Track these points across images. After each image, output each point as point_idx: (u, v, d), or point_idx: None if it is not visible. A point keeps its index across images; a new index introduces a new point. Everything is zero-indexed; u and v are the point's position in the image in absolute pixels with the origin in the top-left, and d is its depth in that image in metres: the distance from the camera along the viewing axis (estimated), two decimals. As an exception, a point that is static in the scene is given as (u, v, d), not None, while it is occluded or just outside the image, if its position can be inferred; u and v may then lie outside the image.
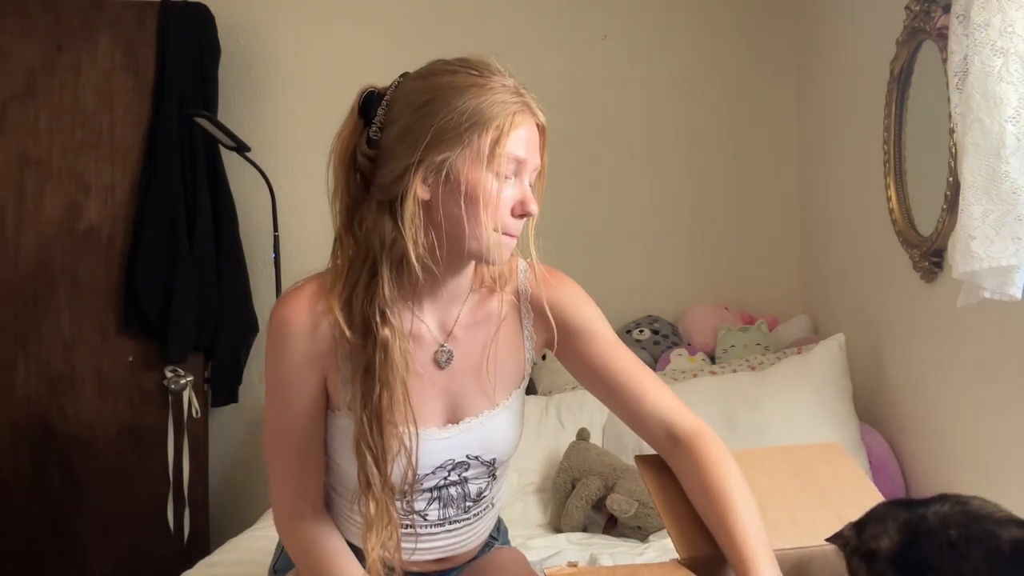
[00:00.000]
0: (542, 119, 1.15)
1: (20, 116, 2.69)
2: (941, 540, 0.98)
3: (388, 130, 1.11)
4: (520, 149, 1.11)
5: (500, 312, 1.23)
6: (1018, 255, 1.38)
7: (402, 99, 1.12)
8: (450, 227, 1.10)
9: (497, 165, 1.08)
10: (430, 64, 1.15)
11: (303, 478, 1.21)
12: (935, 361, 2.05)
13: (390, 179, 1.10)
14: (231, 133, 2.58)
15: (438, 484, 1.23)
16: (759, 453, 1.38)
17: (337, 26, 2.97)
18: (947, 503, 1.02)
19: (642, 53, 3.01)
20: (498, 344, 1.22)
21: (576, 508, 2.12)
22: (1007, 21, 1.37)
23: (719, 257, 3.03)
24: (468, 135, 1.07)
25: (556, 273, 1.30)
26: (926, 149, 2.09)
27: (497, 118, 1.08)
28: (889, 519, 1.05)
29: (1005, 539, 0.96)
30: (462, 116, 1.07)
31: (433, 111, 1.08)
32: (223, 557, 1.93)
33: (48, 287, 2.70)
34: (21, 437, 2.69)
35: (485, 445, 1.22)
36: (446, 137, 1.07)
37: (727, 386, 2.37)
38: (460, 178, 1.08)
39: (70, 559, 2.70)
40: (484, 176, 1.08)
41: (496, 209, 1.09)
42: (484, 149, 1.07)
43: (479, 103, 1.08)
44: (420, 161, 1.07)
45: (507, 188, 1.11)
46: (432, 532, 1.26)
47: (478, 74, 1.11)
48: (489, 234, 1.09)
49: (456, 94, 1.08)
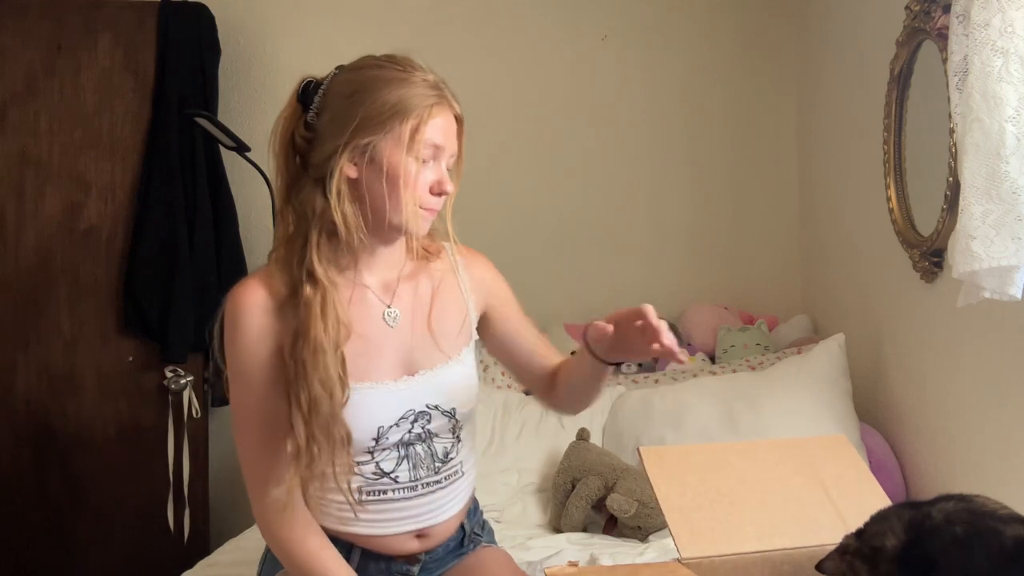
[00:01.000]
0: (458, 111, 1.28)
1: (20, 116, 2.69)
2: (946, 537, 0.99)
3: (322, 116, 1.26)
4: (437, 136, 1.24)
5: (437, 276, 1.37)
6: (1018, 255, 1.38)
7: (335, 88, 1.26)
8: (373, 201, 1.24)
9: (416, 150, 1.22)
10: (361, 59, 1.29)
11: (275, 459, 1.24)
12: (935, 361, 2.05)
13: (322, 159, 1.24)
14: (231, 133, 2.58)
15: (404, 439, 1.30)
16: (763, 445, 1.38)
17: (337, 26, 2.96)
18: (951, 501, 1.02)
19: (642, 53, 3.01)
20: (442, 303, 1.36)
21: (576, 508, 2.12)
22: (1007, 21, 1.37)
23: (719, 257, 3.03)
24: (391, 122, 1.21)
25: (473, 250, 1.46)
26: (926, 149, 2.09)
27: (417, 108, 1.22)
28: (895, 518, 1.05)
29: (1009, 536, 0.96)
30: (386, 105, 1.21)
31: (360, 100, 1.22)
32: (223, 557, 1.93)
33: (48, 287, 2.69)
34: (21, 437, 2.69)
35: (443, 395, 1.32)
36: (371, 123, 1.21)
37: (727, 386, 2.38)
38: (383, 160, 1.22)
39: (70, 559, 2.70)
40: (404, 159, 1.22)
41: (415, 188, 1.23)
42: (405, 135, 1.21)
43: (401, 94, 1.22)
44: (347, 143, 1.21)
45: (426, 171, 1.25)
46: (406, 497, 1.32)
47: (401, 69, 1.24)
48: (409, 209, 1.23)
49: (381, 85, 1.22)
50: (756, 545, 1.18)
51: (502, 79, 2.97)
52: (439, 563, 1.43)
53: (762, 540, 1.19)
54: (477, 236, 1.50)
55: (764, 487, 1.18)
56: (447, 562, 1.44)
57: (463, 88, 1.35)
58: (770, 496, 1.19)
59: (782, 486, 1.25)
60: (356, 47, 2.89)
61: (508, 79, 2.97)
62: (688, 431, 2.25)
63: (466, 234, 1.51)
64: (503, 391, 2.52)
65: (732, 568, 1.15)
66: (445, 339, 1.35)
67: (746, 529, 1.20)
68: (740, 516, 1.22)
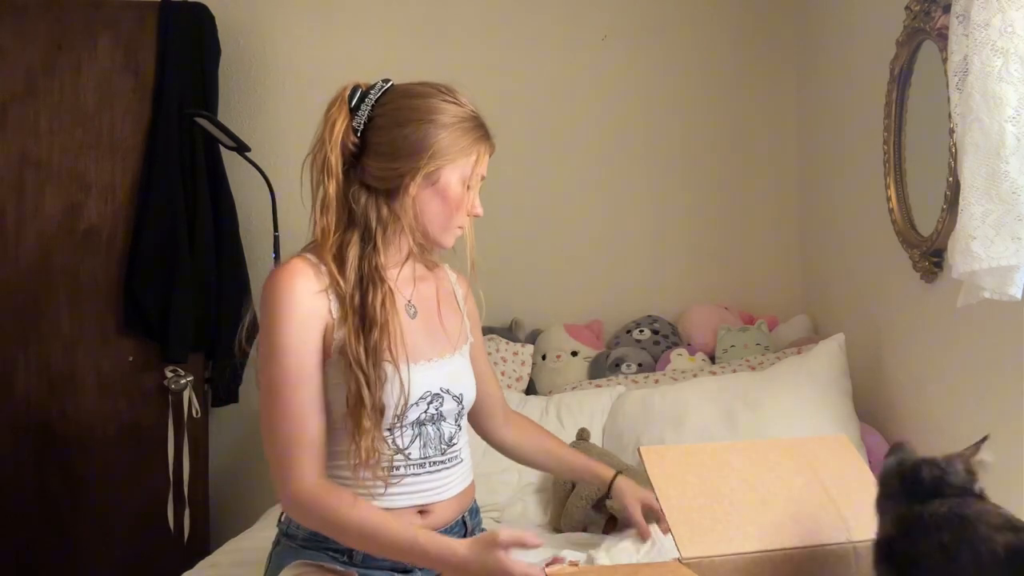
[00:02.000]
0: (494, 145, 1.46)
1: (20, 116, 2.69)
2: (932, 542, 1.00)
3: (380, 131, 1.38)
4: (484, 170, 1.44)
5: (438, 284, 1.55)
6: (1018, 255, 1.38)
7: (396, 108, 1.39)
8: (425, 216, 1.40)
9: (471, 180, 1.42)
10: (421, 84, 1.43)
11: (313, 437, 1.33)
12: (935, 361, 2.05)
13: (386, 173, 1.37)
14: (231, 133, 2.58)
15: (419, 418, 1.42)
16: (763, 445, 1.38)
17: (337, 26, 2.97)
18: (946, 504, 1.02)
19: (642, 53, 3.01)
20: (446, 305, 1.53)
21: (576, 508, 2.12)
22: (1007, 21, 1.37)
23: (719, 257, 3.03)
24: (459, 157, 1.39)
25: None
26: (926, 149, 2.09)
27: (478, 145, 1.41)
28: (890, 509, 1.06)
29: (1000, 543, 0.96)
30: (459, 141, 1.38)
31: (433, 132, 1.37)
32: (223, 557, 1.92)
33: (48, 287, 2.70)
34: (21, 437, 2.69)
35: (454, 381, 1.47)
36: (443, 155, 1.37)
37: (727, 386, 2.37)
38: (445, 186, 1.39)
39: (70, 559, 2.69)
40: (461, 186, 1.40)
41: (462, 212, 1.42)
42: (468, 169, 1.40)
43: (471, 133, 1.40)
44: (419, 168, 1.36)
45: (469, 196, 1.43)
46: (415, 473, 1.41)
47: (460, 105, 1.40)
48: (453, 228, 1.43)
49: (454, 121, 1.38)
50: (756, 545, 1.18)
51: (501, 79, 2.96)
52: None
53: (762, 540, 1.19)
54: (476, 236, 1.51)
55: (764, 487, 1.18)
56: None
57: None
58: (770, 496, 1.20)
59: (782, 486, 1.25)
60: (356, 47, 2.93)
61: (508, 79, 2.97)
62: (688, 431, 2.25)
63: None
64: (503, 391, 2.51)
65: (732, 568, 1.15)
66: (452, 334, 1.51)
67: (746, 529, 1.20)
68: (740, 516, 1.22)
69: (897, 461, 1.12)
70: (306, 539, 1.41)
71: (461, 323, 1.55)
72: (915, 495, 1.06)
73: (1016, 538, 0.97)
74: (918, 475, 1.07)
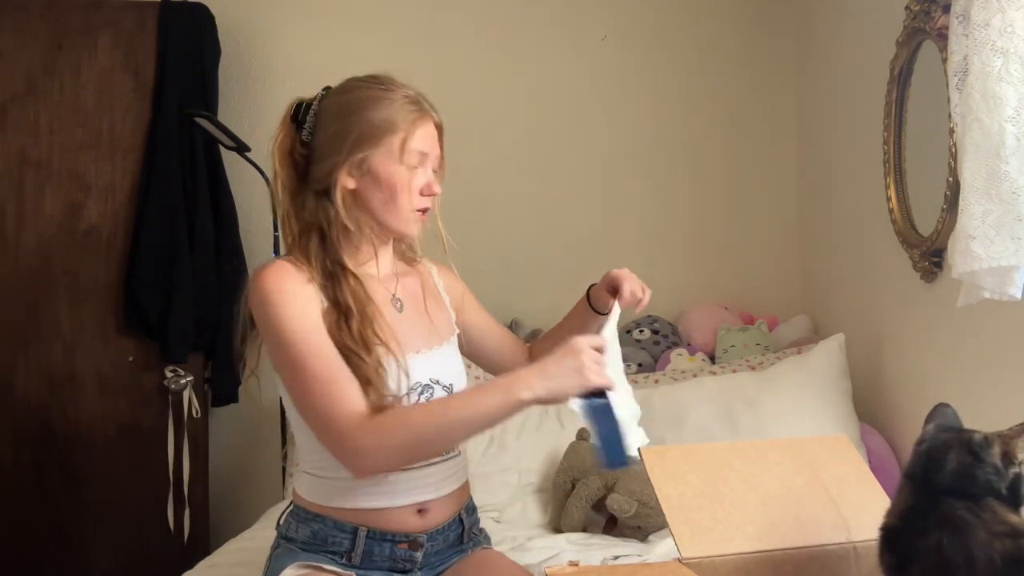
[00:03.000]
0: (438, 120, 1.44)
1: (20, 116, 2.69)
2: (931, 541, 0.99)
3: (318, 135, 1.42)
4: (422, 145, 1.40)
5: (421, 277, 1.56)
6: (1018, 255, 1.39)
7: (326, 109, 1.42)
8: (374, 207, 1.40)
9: (406, 159, 1.38)
10: (347, 81, 1.45)
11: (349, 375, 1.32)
12: (935, 361, 2.05)
13: (322, 174, 1.40)
14: (231, 133, 2.58)
15: None
16: (763, 445, 1.38)
17: (337, 26, 2.96)
18: (955, 505, 1.01)
19: (642, 53, 3.01)
20: (430, 297, 1.54)
21: (576, 508, 2.12)
22: (1007, 21, 1.37)
23: (719, 257, 3.03)
24: (382, 137, 1.38)
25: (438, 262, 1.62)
26: (926, 149, 2.09)
27: (403, 122, 1.38)
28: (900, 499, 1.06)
29: (997, 549, 0.96)
30: (375, 122, 1.38)
31: (353, 120, 1.38)
32: (223, 557, 1.93)
33: (48, 287, 2.69)
34: (21, 437, 2.68)
35: (444, 371, 1.46)
36: (365, 140, 1.38)
37: (727, 386, 2.37)
38: (378, 171, 1.38)
39: (70, 559, 2.69)
40: (397, 168, 1.38)
41: (409, 192, 1.40)
42: (395, 148, 1.38)
43: (388, 112, 1.38)
44: (345, 159, 1.38)
45: (415, 176, 1.40)
46: (409, 468, 1.40)
47: (385, 88, 1.40)
48: (405, 212, 1.41)
49: (371, 104, 1.39)
50: (757, 545, 1.18)
51: (501, 79, 2.97)
52: (440, 557, 1.46)
53: (763, 540, 1.19)
54: (475, 236, 1.52)
55: (765, 487, 1.18)
56: (448, 557, 1.48)
57: (461, 88, 1.41)
58: (771, 496, 1.20)
59: (783, 486, 1.25)
60: (356, 47, 2.93)
61: (507, 79, 2.97)
62: (688, 431, 2.25)
63: (464, 234, 1.52)
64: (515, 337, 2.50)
65: (733, 568, 1.15)
66: (439, 325, 1.52)
67: (747, 529, 1.21)
68: (741, 516, 1.22)
69: (930, 437, 1.07)
70: (306, 541, 1.41)
71: (446, 314, 1.56)
72: (932, 485, 1.04)
73: (1015, 545, 0.96)
74: (942, 463, 1.03)
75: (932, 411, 1.12)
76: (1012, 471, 1.02)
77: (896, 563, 1.04)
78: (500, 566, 1.47)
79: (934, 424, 1.10)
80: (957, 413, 1.12)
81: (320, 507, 1.41)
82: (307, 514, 1.42)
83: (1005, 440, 1.03)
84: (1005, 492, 1.02)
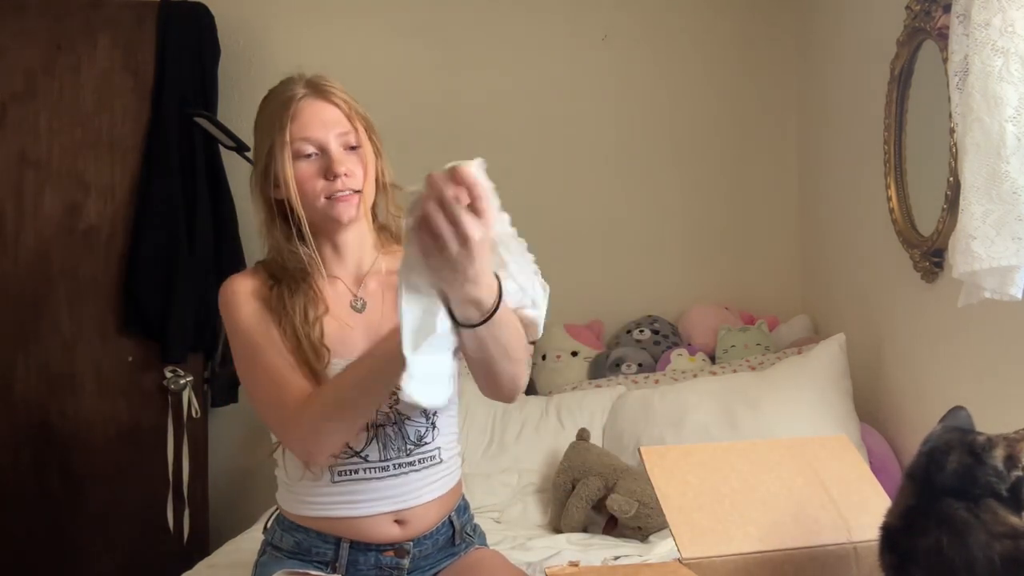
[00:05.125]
0: (334, 99, 1.36)
1: (20, 116, 2.68)
2: (931, 541, 0.99)
3: None
4: (307, 130, 1.33)
5: None
6: (1018, 255, 1.38)
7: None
8: (299, 208, 1.34)
9: (296, 150, 1.32)
10: None
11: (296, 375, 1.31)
12: (935, 361, 2.05)
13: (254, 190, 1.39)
14: (231, 133, 2.57)
15: (373, 420, 1.35)
16: (763, 445, 1.38)
17: (337, 26, 2.96)
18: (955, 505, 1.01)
19: (642, 53, 3.01)
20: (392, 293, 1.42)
21: (576, 508, 2.12)
22: (1007, 21, 1.37)
23: (719, 257, 3.03)
24: (271, 141, 1.33)
25: None
26: (926, 149, 2.09)
27: (281, 116, 1.33)
28: (901, 498, 1.05)
29: (996, 550, 0.96)
30: (263, 130, 1.36)
31: (256, 134, 1.39)
32: (222, 558, 1.92)
33: (48, 287, 2.69)
34: (21, 437, 2.68)
35: None
36: (261, 149, 1.36)
37: (727, 386, 2.38)
38: (279, 174, 1.33)
39: (70, 559, 2.69)
40: (293, 165, 1.32)
41: (313, 183, 1.33)
42: (284, 146, 1.32)
43: (270, 111, 1.36)
44: (262, 174, 1.36)
45: (316, 162, 1.34)
46: (378, 477, 1.37)
47: (271, 91, 1.38)
48: (320, 203, 1.34)
49: (259, 113, 1.38)
50: (757, 545, 1.18)
51: (502, 79, 2.96)
52: (430, 561, 1.44)
53: (763, 540, 1.19)
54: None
55: (765, 487, 1.18)
56: (440, 561, 1.45)
57: (461, 87, 1.38)
58: (771, 496, 1.19)
59: (783, 486, 1.25)
60: (356, 47, 2.93)
61: (508, 79, 2.97)
62: (688, 431, 2.25)
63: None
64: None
65: (733, 568, 1.15)
66: None
67: (747, 529, 1.20)
68: (741, 516, 1.22)
69: (935, 438, 1.07)
70: (291, 549, 1.41)
71: None
72: (933, 485, 1.04)
73: (1014, 546, 0.96)
74: (943, 463, 1.03)
75: (947, 414, 1.12)
76: (1015, 474, 1.02)
77: (896, 563, 1.04)
78: (494, 566, 1.44)
79: (941, 425, 1.09)
80: (971, 416, 1.11)
81: (299, 518, 1.41)
82: (290, 524, 1.43)
83: (1010, 443, 1.03)
84: (1006, 494, 1.02)
